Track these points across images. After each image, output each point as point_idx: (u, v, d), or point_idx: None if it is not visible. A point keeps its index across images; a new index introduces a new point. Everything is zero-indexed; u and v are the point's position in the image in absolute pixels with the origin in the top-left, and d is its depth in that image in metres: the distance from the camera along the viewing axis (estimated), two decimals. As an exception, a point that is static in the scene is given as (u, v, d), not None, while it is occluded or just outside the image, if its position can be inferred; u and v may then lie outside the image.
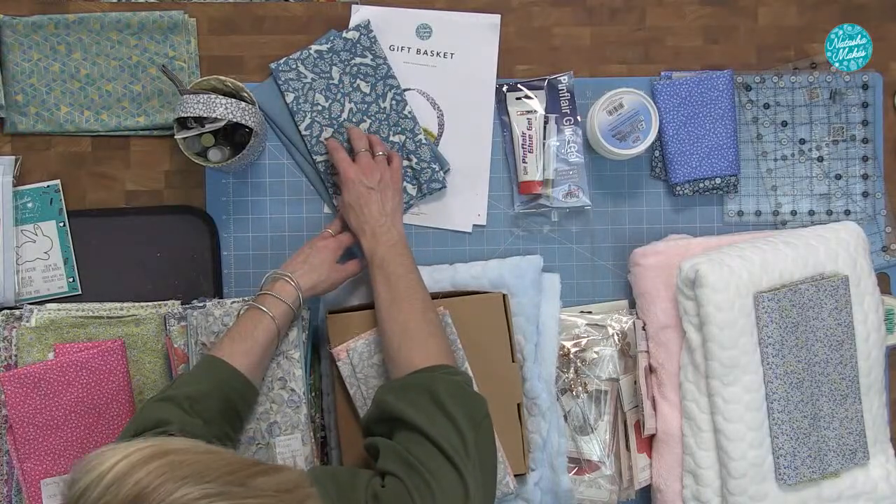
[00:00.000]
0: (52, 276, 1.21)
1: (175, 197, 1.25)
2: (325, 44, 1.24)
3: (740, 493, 1.11)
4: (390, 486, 0.89)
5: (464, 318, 1.15)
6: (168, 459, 0.66)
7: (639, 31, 1.28)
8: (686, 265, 1.14)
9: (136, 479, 0.64)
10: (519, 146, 1.24)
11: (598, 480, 1.19)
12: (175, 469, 0.65)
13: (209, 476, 0.66)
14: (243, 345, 1.04)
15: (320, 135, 1.23)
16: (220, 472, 0.67)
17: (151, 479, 0.64)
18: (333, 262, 1.14)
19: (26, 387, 1.10)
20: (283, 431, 1.10)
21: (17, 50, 1.23)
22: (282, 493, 0.69)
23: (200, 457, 0.68)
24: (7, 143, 1.23)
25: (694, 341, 1.14)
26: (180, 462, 0.66)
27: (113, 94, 1.24)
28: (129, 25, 1.23)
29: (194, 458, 0.67)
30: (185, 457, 0.67)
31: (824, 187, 1.28)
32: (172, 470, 0.65)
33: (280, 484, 0.70)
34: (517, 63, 1.27)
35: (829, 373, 1.14)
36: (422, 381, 0.97)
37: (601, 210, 1.27)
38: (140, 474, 0.64)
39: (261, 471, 0.69)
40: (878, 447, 1.18)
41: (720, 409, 1.12)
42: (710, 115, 1.24)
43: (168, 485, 0.64)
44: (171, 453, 0.67)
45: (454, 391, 0.96)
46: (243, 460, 0.70)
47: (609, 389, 1.20)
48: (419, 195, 1.24)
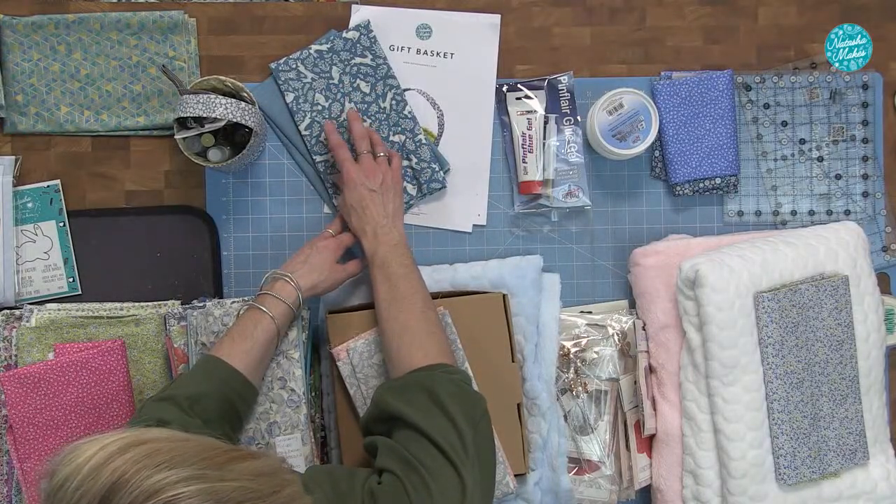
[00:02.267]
0: (52, 276, 1.21)
1: (175, 197, 1.25)
2: (325, 44, 1.24)
3: (740, 493, 1.11)
4: (387, 483, 0.89)
5: (464, 318, 1.15)
6: (145, 448, 0.66)
7: (639, 31, 1.28)
8: (686, 265, 1.14)
9: (113, 467, 0.65)
10: (519, 146, 1.24)
11: (598, 480, 1.19)
12: (152, 456, 0.66)
13: (186, 462, 0.66)
14: (243, 345, 1.04)
15: (320, 135, 1.23)
16: (196, 458, 0.67)
17: (128, 466, 0.65)
18: (334, 263, 1.14)
19: (26, 387, 1.10)
20: (283, 431, 1.10)
21: (17, 50, 1.23)
22: (260, 477, 0.69)
23: (177, 444, 0.68)
24: (7, 143, 1.23)
25: (694, 341, 1.14)
26: (157, 450, 0.67)
27: (113, 94, 1.24)
28: (129, 25, 1.23)
29: (171, 445, 0.68)
30: (161, 444, 0.67)
31: (824, 187, 1.28)
32: (149, 457, 0.66)
33: (258, 468, 0.70)
34: (517, 63, 1.27)
35: (829, 373, 1.14)
36: (420, 379, 0.97)
37: (601, 210, 1.27)
38: (117, 463, 0.65)
39: (239, 456, 0.70)
40: (878, 447, 1.18)
41: (720, 409, 1.12)
42: (710, 115, 1.24)
43: (144, 472, 0.64)
44: (148, 442, 0.67)
45: (453, 390, 0.96)
46: (221, 445, 0.71)
47: (609, 389, 1.20)
48: (419, 195, 1.25)
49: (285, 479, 0.72)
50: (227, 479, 0.67)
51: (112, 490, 0.64)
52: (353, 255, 1.20)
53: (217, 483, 0.66)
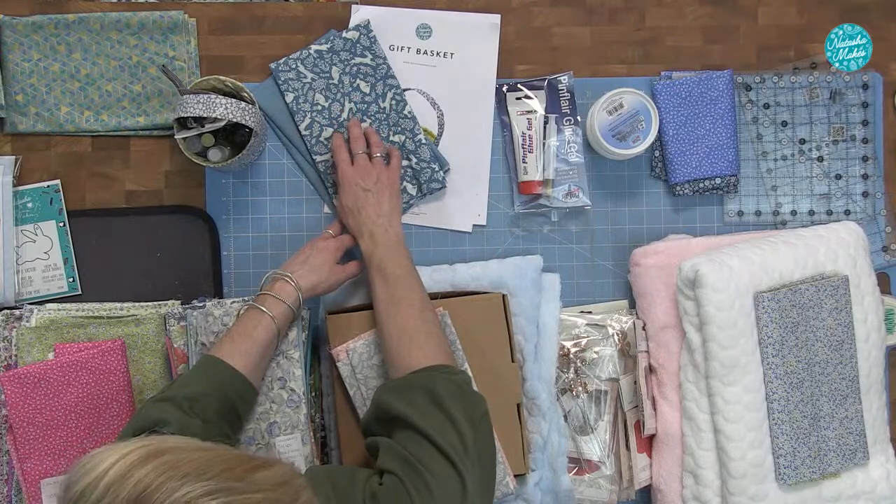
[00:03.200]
0: (52, 276, 1.21)
1: (175, 197, 1.25)
2: (324, 44, 1.24)
3: (740, 493, 1.11)
4: (388, 484, 0.89)
5: (464, 318, 1.15)
6: (166, 459, 0.66)
7: (639, 31, 1.28)
8: (686, 265, 1.14)
9: (136, 479, 0.64)
10: (519, 146, 1.24)
11: (598, 480, 1.19)
12: (174, 468, 0.65)
13: (209, 473, 0.66)
14: (243, 345, 1.04)
15: (320, 135, 1.23)
16: (218, 469, 0.67)
17: (152, 478, 0.64)
18: (334, 263, 1.14)
19: (26, 387, 1.10)
20: (283, 431, 1.10)
21: (17, 50, 1.23)
22: (280, 487, 0.69)
23: (197, 454, 0.67)
24: (7, 143, 1.23)
25: (694, 341, 1.14)
26: (178, 461, 0.66)
27: (113, 94, 1.24)
28: (129, 25, 1.23)
29: (191, 455, 0.67)
30: (182, 455, 0.67)
31: (824, 187, 1.28)
32: (172, 469, 0.65)
33: (276, 477, 0.70)
34: (517, 63, 1.27)
35: (829, 373, 1.14)
36: (421, 380, 0.97)
37: (601, 210, 1.27)
38: (139, 474, 0.64)
39: (257, 465, 0.70)
40: (878, 447, 1.18)
41: (720, 409, 1.12)
42: (710, 115, 1.24)
43: (169, 483, 0.64)
44: (168, 452, 0.66)
45: (453, 390, 0.96)
46: (239, 455, 0.70)
47: (609, 389, 1.20)
48: (419, 195, 1.24)
49: (300, 486, 0.72)
50: (249, 492, 0.66)
51: (138, 503, 0.63)
52: (354, 256, 1.20)
53: (243, 496, 0.66)
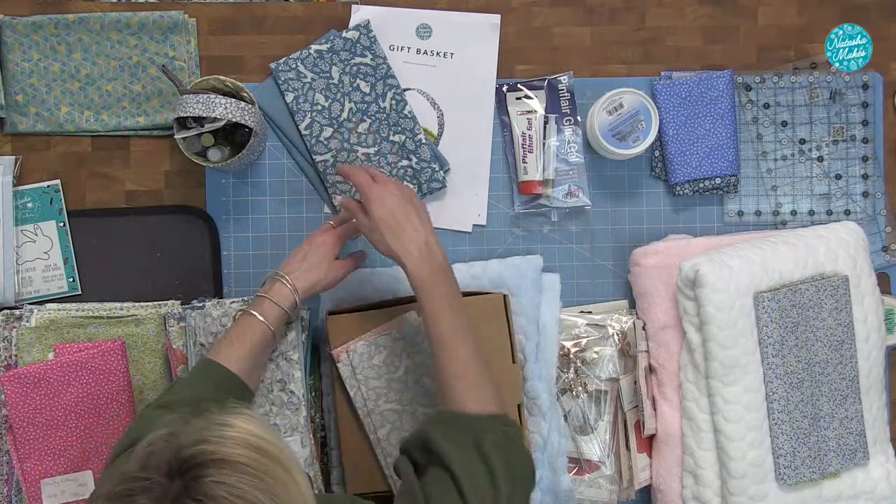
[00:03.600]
0: (52, 276, 1.21)
1: (175, 197, 1.25)
2: (324, 43, 1.24)
3: (740, 493, 1.11)
4: None
5: (464, 318, 1.15)
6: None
7: (639, 31, 1.28)
8: (686, 265, 1.14)
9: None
10: (519, 146, 1.24)
11: (598, 480, 1.19)
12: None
13: None
14: (240, 350, 1.04)
15: (320, 134, 1.23)
16: None
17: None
18: (332, 259, 1.11)
19: (26, 387, 1.10)
20: (283, 433, 1.10)
21: (17, 50, 1.23)
22: None
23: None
24: (7, 143, 1.23)
25: (694, 341, 1.14)
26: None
27: (113, 94, 1.24)
28: (129, 25, 1.23)
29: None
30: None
31: (824, 187, 1.28)
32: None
33: None
34: (517, 63, 1.27)
35: (829, 373, 1.14)
36: (472, 424, 0.94)
37: (601, 210, 1.27)
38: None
39: None
40: (878, 447, 1.18)
41: (720, 409, 1.12)
42: (710, 115, 1.24)
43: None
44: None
45: (502, 442, 0.93)
46: None
47: (609, 389, 1.20)
48: (419, 195, 1.24)
49: None
50: None
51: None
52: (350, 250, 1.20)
53: None
